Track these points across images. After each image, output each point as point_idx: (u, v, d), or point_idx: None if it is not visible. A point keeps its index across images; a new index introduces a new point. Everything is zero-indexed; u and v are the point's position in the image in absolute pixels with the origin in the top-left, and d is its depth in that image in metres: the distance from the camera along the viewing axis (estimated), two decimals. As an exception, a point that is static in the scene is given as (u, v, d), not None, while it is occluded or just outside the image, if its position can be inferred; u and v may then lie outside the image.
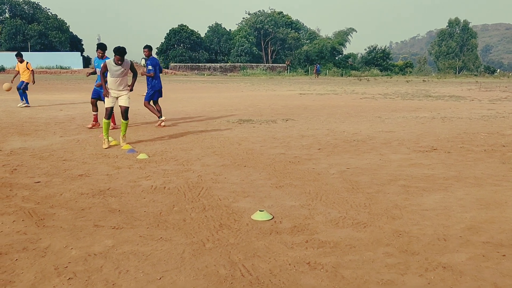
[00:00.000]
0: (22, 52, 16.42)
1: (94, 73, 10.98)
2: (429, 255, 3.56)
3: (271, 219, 4.41)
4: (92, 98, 10.86)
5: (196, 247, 3.73)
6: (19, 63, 16.08)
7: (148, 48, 11.09)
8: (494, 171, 6.36)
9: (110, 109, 8.35)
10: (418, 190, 5.39)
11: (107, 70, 8.21)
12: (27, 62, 16.11)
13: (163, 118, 11.00)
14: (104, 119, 8.22)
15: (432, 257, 3.53)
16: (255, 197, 5.15)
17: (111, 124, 10.76)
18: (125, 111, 8.35)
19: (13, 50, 73.09)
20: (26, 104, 15.52)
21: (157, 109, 11.02)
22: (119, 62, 8.03)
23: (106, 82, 8.38)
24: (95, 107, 10.88)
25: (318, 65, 69.29)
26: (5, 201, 4.90)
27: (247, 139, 9.03)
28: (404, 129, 10.45)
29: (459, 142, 8.70)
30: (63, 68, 71.73)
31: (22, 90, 15.56)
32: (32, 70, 16.15)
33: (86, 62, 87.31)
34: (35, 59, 61.84)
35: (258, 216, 4.44)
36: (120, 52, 7.92)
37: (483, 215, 4.50)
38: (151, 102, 11.05)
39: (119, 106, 8.38)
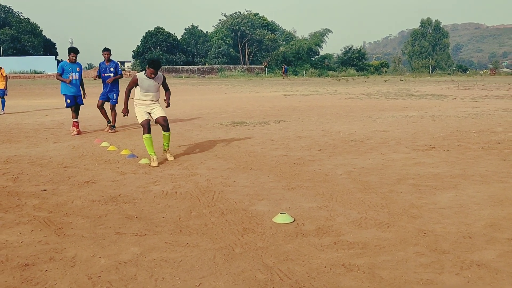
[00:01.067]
0: None
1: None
2: (460, 253, 3.59)
3: (293, 221, 4.40)
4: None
5: (226, 252, 3.69)
6: None
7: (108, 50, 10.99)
8: (497, 168, 6.48)
9: (147, 121, 7.25)
10: (430, 189, 5.45)
11: (136, 85, 7.24)
12: (1, 68, 15.60)
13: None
14: (144, 135, 7.17)
15: (463, 255, 3.57)
16: (271, 200, 5.13)
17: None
18: (164, 121, 7.38)
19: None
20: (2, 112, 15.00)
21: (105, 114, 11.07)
22: (152, 76, 7.09)
23: (127, 99, 7.49)
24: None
25: (286, 66, 71.33)
26: (16, 211, 4.76)
27: (245, 142, 9.00)
28: (398, 128, 10.57)
29: (454, 140, 8.85)
30: (37, 73, 70.35)
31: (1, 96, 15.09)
32: (6, 76, 15.66)
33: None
34: (8, 64, 60.42)
35: (280, 219, 4.42)
36: (154, 65, 7.04)
37: (500, 212, 4.58)
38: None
39: (156, 119, 7.38)
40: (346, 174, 6.25)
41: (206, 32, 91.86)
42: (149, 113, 7.37)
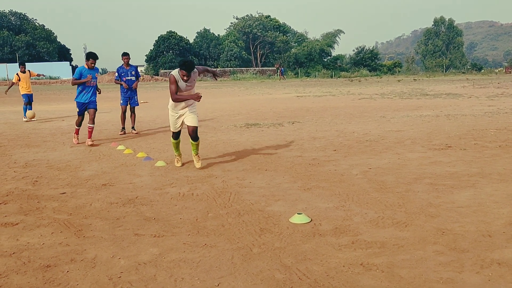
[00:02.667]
0: (10, 64, 16.16)
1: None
2: (480, 252, 3.57)
3: (310, 221, 4.40)
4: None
5: (244, 252, 3.70)
6: (20, 73, 15.18)
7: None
8: (515, 166, 6.41)
9: (177, 133, 7.04)
10: (447, 188, 5.41)
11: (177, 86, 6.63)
12: (29, 71, 15.70)
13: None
14: (172, 139, 7.13)
15: (483, 254, 3.54)
16: (287, 201, 5.13)
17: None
18: (193, 132, 6.84)
19: (1, 62, 72.49)
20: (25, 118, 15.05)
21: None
22: (185, 78, 6.49)
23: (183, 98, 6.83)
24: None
25: (282, 68, 71.55)
26: (37, 213, 4.84)
27: (259, 143, 9.02)
28: (413, 128, 10.50)
29: (471, 138, 8.77)
30: (53, 78, 71.19)
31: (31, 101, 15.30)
32: (37, 74, 16.04)
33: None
34: (24, 70, 61.13)
35: (297, 219, 4.42)
36: (186, 66, 6.40)
37: (519, 210, 4.53)
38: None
39: (187, 126, 6.88)
40: (361, 174, 6.23)
41: (218, 35, 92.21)
42: (181, 116, 6.92)
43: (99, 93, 10.16)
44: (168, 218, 4.62)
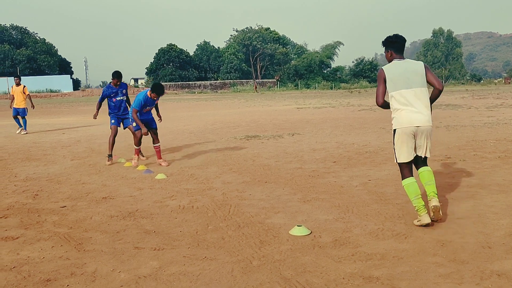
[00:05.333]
0: (11, 77, 16.10)
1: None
2: (479, 264, 3.57)
3: (310, 233, 4.40)
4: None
5: (244, 265, 3.71)
6: (15, 85, 15.45)
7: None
8: (515, 177, 6.41)
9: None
10: (447, 199, 5.42)
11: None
12: (24, 86, 15.76)
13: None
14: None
15: (483, 265, 3.54)
16: (287, 213, 5.14)
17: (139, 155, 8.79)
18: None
19: (2, 76, 72.81)
20: (25, 131, 15.10)
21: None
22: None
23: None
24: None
25: (256, 82, 73.01)
26: (37, 227, 4.84)
27: (259, 155, 9.04)
28: (412, 139, 10.51)
29: (470, 149, 8.78)
30: (53, 92, 71.54)
31: (21, 116, 15.18)
32: (28, 94, 15.90)
33: (76, 84, 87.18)
34: (25, 83, 61.42)
35: (297, 231, 4.43)
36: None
37: (519, 221, 4.53)
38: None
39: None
40: (361, 186, 6.24)
41: (218, 47, 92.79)
42: None
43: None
44: (168, 231, 4.63)
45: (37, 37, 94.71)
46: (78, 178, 7.35)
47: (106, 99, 9.02)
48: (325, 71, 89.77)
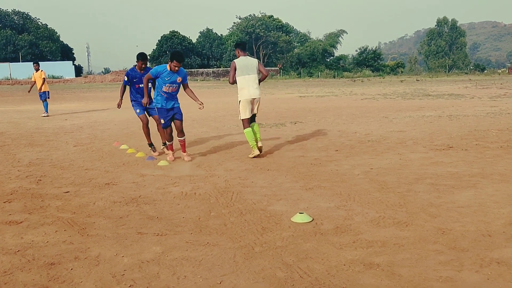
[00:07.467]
0: (13, 63, 16.73)
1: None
2: (479, 251, 3.60)
3: (312, 221, 4.44)
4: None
5: (246, 251, 3.74)
6: (35, 72, 16.30)
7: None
8: (517, 167, 6.43)
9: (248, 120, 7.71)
10: (448, 188, 5.44)
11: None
12: (41, 71, 16.44)
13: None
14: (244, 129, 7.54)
15: (483, 253, 3.57)
16: (288, 200, 5.17)
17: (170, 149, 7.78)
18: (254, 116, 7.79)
19: (3, 61, 72.76)
20: (46, 113, 15.99)
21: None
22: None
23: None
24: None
25: None
26: (41, 212, 4.88)
27: (262, 143, 9.03)
28: (415, 129, 10.53)
29: (472, 139, 8.79)
30: (55, 78, 71.44)
31: (42, 100, 16.15)
32: (44, 78, 16.40)
33: (78, 71, 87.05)
34: (27, 69, 61.54)
35: (299, 218, 4.46)
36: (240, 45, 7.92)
37: (519, 210, 4.55)
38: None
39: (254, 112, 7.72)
40: (363, 174, 6.27)
41: (221, 35, 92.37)
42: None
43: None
44: (170, 217, 4.66)
45: (39, 23, 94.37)
46: (81, 164, 7.39)
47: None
48: (328, 60, 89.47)
